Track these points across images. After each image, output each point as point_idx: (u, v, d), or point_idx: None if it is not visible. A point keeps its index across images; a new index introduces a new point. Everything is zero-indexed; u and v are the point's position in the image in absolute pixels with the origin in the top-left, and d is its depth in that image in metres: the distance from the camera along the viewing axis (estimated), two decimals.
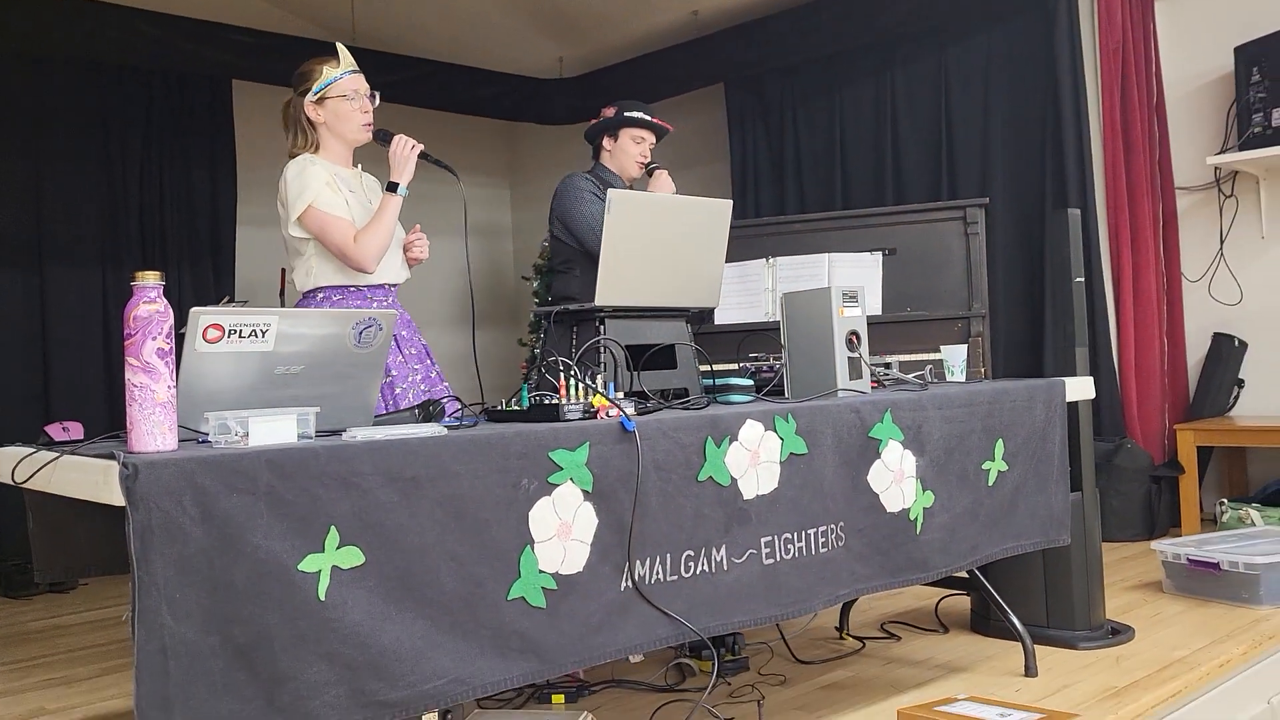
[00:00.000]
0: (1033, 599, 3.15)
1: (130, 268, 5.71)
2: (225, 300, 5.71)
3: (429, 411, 2.23)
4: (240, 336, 1.83)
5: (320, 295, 2.78)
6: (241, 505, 1.54)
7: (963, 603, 3.51)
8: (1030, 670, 2.85)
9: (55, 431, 1.96)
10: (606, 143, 3.64)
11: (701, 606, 2.10)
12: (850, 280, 4.29)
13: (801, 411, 2.27)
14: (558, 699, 2.75)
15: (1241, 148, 4.68)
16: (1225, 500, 4.61)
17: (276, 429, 1.73)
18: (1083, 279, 3.24)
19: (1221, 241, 4.98)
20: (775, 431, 2.21)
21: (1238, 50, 4.73)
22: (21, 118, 5.45)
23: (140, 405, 1.63)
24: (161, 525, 1.48)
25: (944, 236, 4.64)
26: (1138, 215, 5.00)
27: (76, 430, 1.99)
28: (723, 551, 2.14)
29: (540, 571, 1.87)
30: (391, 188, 2.80)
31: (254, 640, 1.55)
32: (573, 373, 2.13)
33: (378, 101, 2.89)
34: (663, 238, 2.50)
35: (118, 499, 1.47)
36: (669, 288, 2.56)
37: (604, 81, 7.29)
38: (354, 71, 2.86)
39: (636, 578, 2.00)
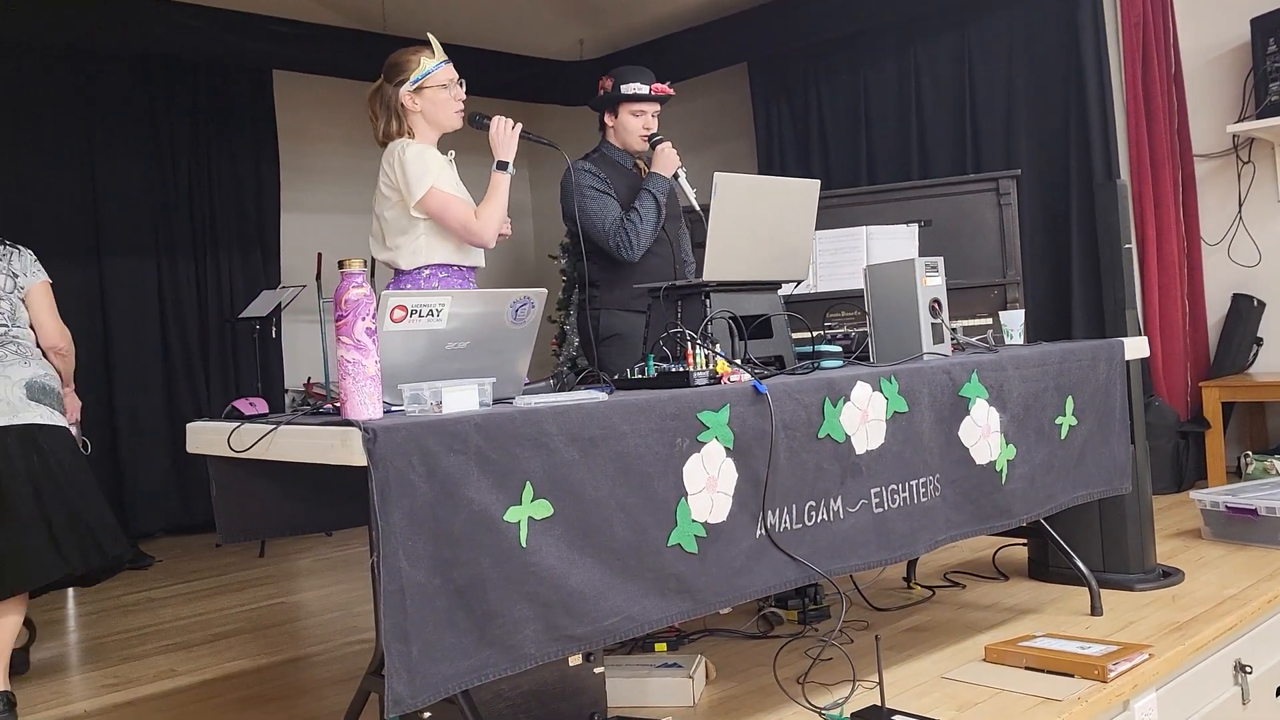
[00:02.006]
0: (1090, 545, 3.37)
1: (183, 256, 5.90)
2: (280, 287, 5.89)
3: (564, 382, 2.42)
4: (420, 316, 2.03)
5: (428, 273, 2.90)
6: (457, 464, 1.75)
7: (1017, 552, 3.74)
8: (1096, 610, 3.08)
9: (244, 406, 2.14)
10: (608, 119, 3.51)
11: (822, 551, 2.31)
12: (889, 251, 4.50)
13: (902, 373, 2.48)
14: (660, 646, 2.96)
15: (1260, 115, 4.89)
16: (1250, 453, 4.85)
17: (463, 398, 1.92)
18: (1132, 245, 3.45)
19: (1240, 206, 5.20)
20: (881, 392, 2.42)
21: (1254, 21, 4.93)
22: (74, 113, 5.61)
23: (354, 379, 1.82)
24: (396, 482, 1.68)
25: (977, 207, 4.85)
26: (1160, 183, 5.21)
27: (261, 405, 2.17)
28: (839, 502, 2.35)
29: (693, 521, 2.07)
30: (502, 166, 2.93)
31: (470, 582, 1.76)
32: (700, 342, 2.33)
33: (464, 89, 3.03)
34: (760, 215, 2.69)
35: (358, 459, 1.67)
36: (765, 262, 2.75)
37: (625, 62, 7.37)
38: (447, 61, 2.98)
39: (769, 526, 2.21)
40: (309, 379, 6.47)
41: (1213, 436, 4.93)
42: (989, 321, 4.48)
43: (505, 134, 2.97)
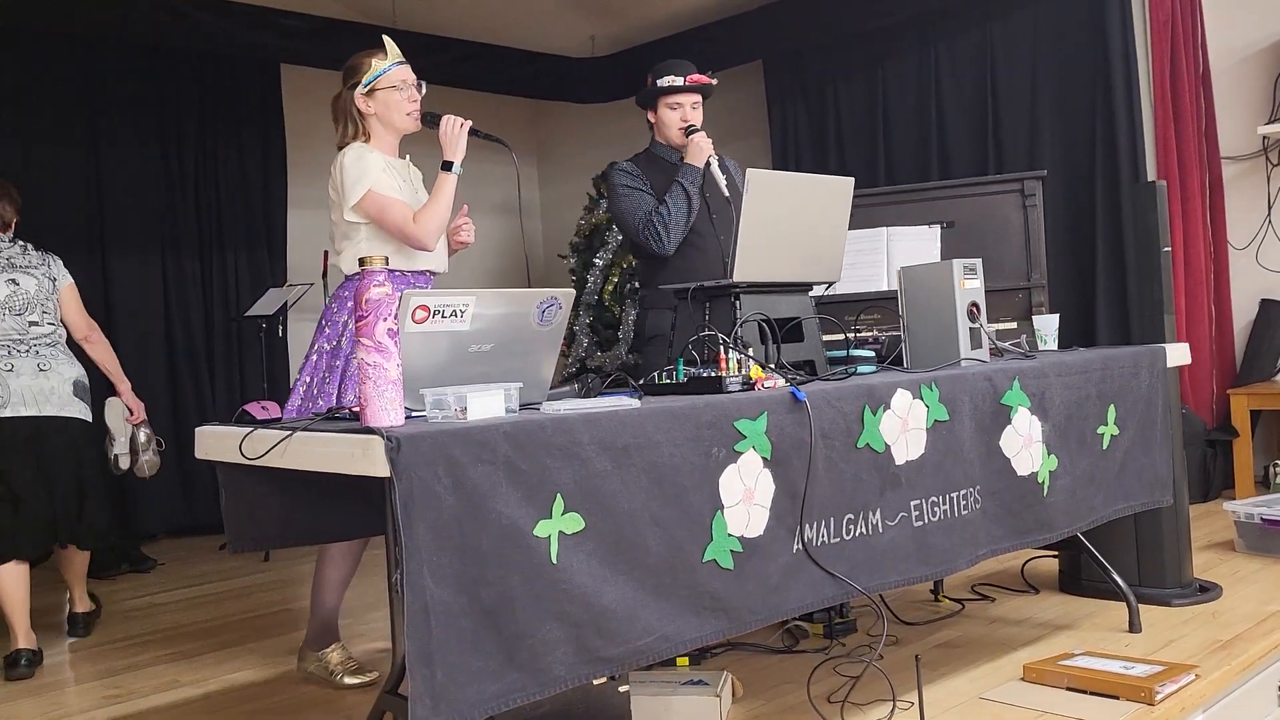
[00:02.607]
0: (1125, 559, 3.26)
1: (189, 252, 5.79)
2: (285, 285, 5.78)
3: (588, 386, 2.31)
4: (443, 316, 1.92)
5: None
6: (485, 475, 1.64)
7: (1045, 564, 3.63)
8: (1134, 626, 2.96)
9: (255, 410, 2.04)
10: (650, 117, 3.50)
11: (861, 567, 2.20)
12: (910, 253, 4.39)
13: (943, 380, 2.37)
14: (681, 662, 2.85)
15: None
16: (1278, 462, 4.74)
17: (489, 404, 1.81)
18: (1169, 248, 3.34)
19: (1269, 209, 5.09)
20: (921, 399, 2.31)
21: None
22: (79, 104, 5.50)
23: (374, 383, 1.71)
24: (421, 494, 1.57)
25: (1001, 209, 4.73)
26: (1187, 186, 5.10)
27: (274, 409, 2.06)
28: (878, 514, 2.24)
29: (729, 535, 1.97)
30: (446, 166, 2.84)
31: (498, 601, 1.65)
32: (733, 346, 2.22)
33: (424, 90, 2.95)
34: (793, 214, 2.58)
35: (380, 470, 1.56)
36: (797, 263, 2.64)
37: (636, 60, 7.33)
38: (401, 62, 2.91)
39: (806, 540, 2.10)
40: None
41: (1240, 445, 4.81)
42: (1014, 325, 4.37)
43: (453, 133, 2.88)
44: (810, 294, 2.77)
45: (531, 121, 7.99)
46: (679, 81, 3.40)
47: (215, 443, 1.99)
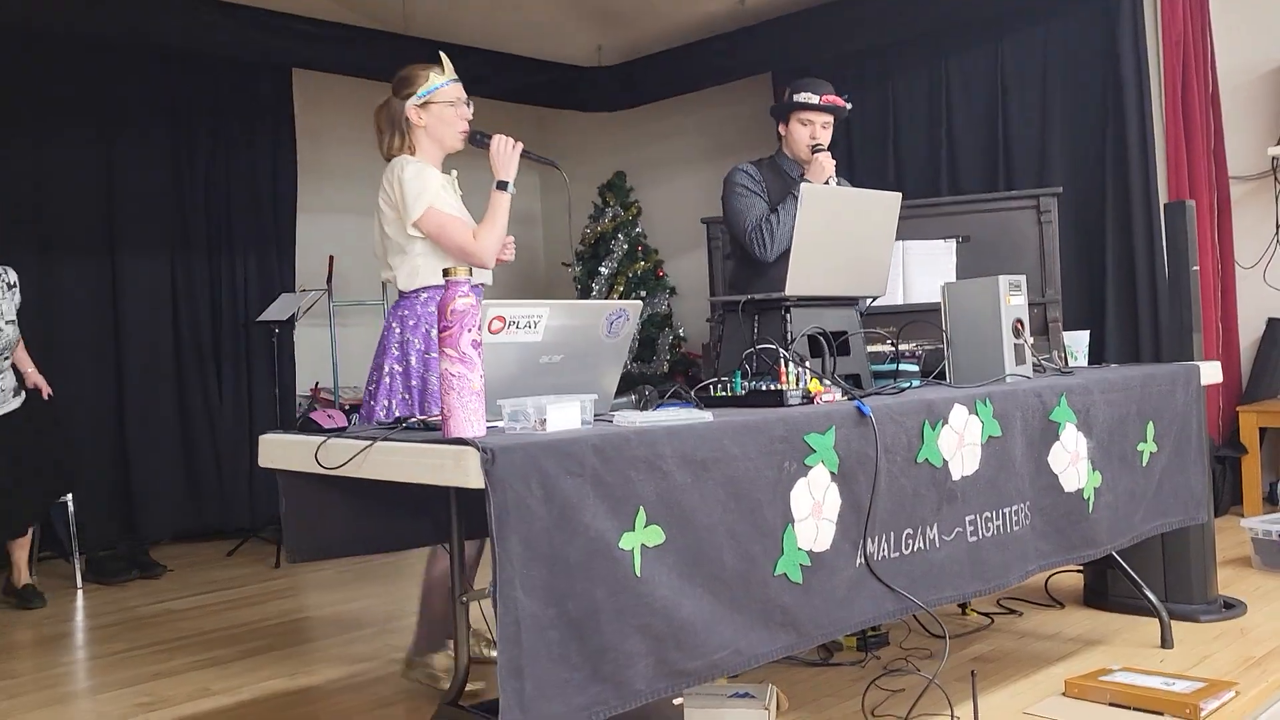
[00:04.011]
0: (1153, 575, 3.28)
1: (198, 255, 5.76)
2: (301, 290, 5.75)
3: (645, 398, 2.32)
4: (518, 328, 1.92)
5: (425, 295, 2.82)
6: (574, 487, 1.64)
7: (1067, 579, 3.65)
8: (1167, 642, 2.99)
9: (321, 419, 2.03)
10: (781, 129, 3.60)
11: (919, 581, 2.21)
12: (925, 267, 4.43)
13: (996, 395, 2.39)
14: None
15: None
16: None
17: (567, 415, 1.81)
18: (1198, 268, 3.38)
19: (1277, 229, 5.15)
20: (977, 415, 2.33)
21: None
22: (93, 107, 5.47)
23: (459, 394, 1.71)
24: (515, 506, 1.57)
25: (1016, 224, 4.78)
26: (1197, 204, 5.15)
27: (339, 418, 2.05)
28: (935, 530, 2.25)
29: (799, 549, 1.97)
30: (502, 186, 2.85)
31: (584, 613, 1.65)
32: (794, 360, 2.23)
33: (472, 109, 2.97)
34: (844, 228, 2.60)
35: (474, 481, 1.56)
36: (845, 277, 2.66)
37: (642, 70, 7.36)
38: (455, 80, 2.93)
39: (868, 554, 2.11)
40: (316, 384, 6.33)
41: (1249, 462, 4.86)
42: (1032, 340, 4.40)
43: (506, 153, 2.89)
44: (865, 306, 2.79)
45: (538, 129, 8.00)
46: (814, 99, 3.52)
47: (282, 452, 1.98)
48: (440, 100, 2.89)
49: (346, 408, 6.02)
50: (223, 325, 5.81)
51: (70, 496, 4.65)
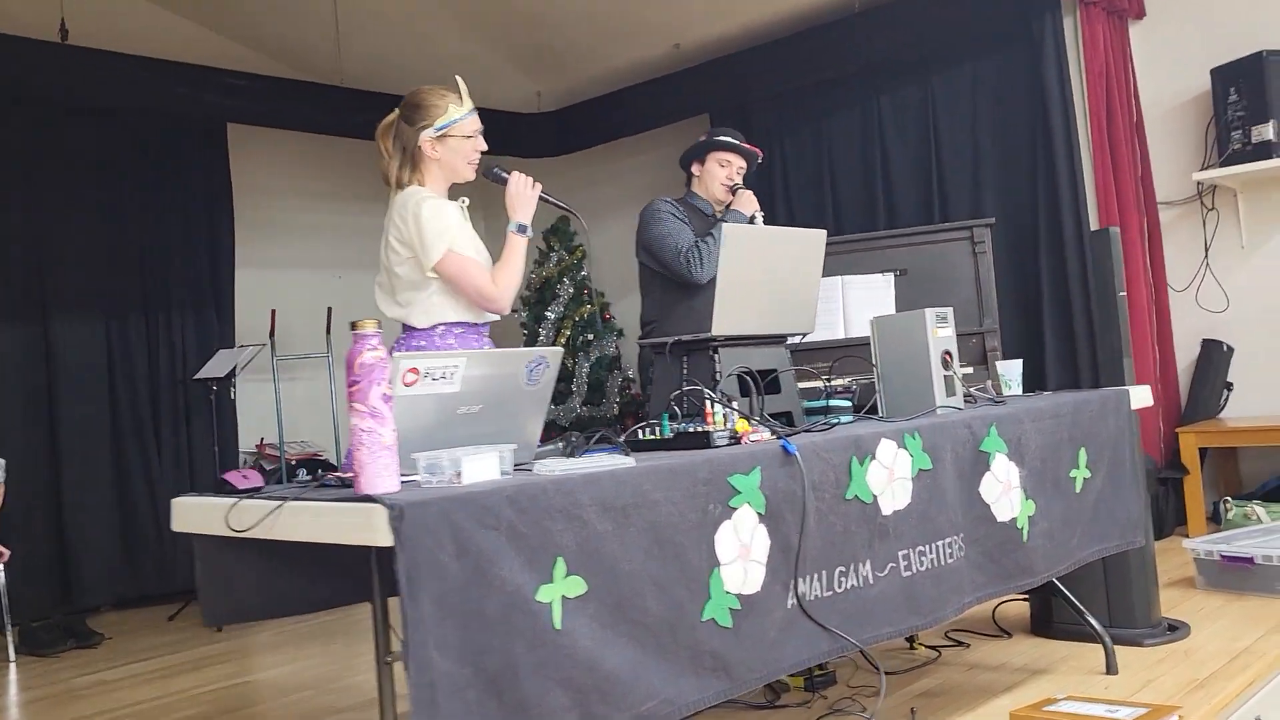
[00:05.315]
0: (1095, 600, 3.29)
1: (135, 314, 5.66)
2: (238, 347, 5.67)
3: (571, 444, 2.29)
4: (433, 379, 1.89)
5: (441, 329, 2.73)
6: (489, 540, 1.60)
7: (1014, 608, 3.65)
8: (1111, 668, 2.99)
9: (236, 479, 1.98)
10: (695, 168, 3.66)
11: (853, 620, 2.19)
12: (864, 301, 4.45)
13: (925, 428, 2.39)
14: None
15: (1224, 163, 4.95)
16: (1229, 498, 4.84)
17: (484, 466, 1.78)
18: (1125, 293, 3.42)
19: (1206, 252, 5.25)
20: (906, 449, 2.32)
21: (1214, 71, 5.01)
22: (19, 165, 5.38)
23: (369, 449, 1.67)
24: (426, 563, 1.53)
25: (952, 256, 4.82)
26: (1127, 230, 5.23)
27: (255, 478, 2.00)
28: (868, 566, 2.23)
29: (726, 592, 1.94)
30: (521, 230, 2.77)
31: (503, 670, 1.60)
32: (720, 401, 2.21)
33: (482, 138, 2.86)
34: (768, 267, 2.60)
35: (382, 539, 1.52)
36: (772, 315, 2.65)
37: (582, 115, 7.41)
38: (474, 111, 2.81)
39: (800, 595, 2.09)
40: (261, 440, 6.23)
41: (1191, 483, 4.91)
42: (970, 370, 4.43)
43: (524, 194, 2.80)
44: (794, 344, 2.79)
45: (479, 176, 8.00)
46: (737, 141, 3.63)
47: (195, 515, 1.92)
48: (458, 134, 2.76)
49: (294, 462, 5.92)
50: (160, 385, 5.71)
51: (1, 566, 4.51)
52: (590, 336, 7.17)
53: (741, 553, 1.98)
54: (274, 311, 5.98)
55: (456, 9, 5.91)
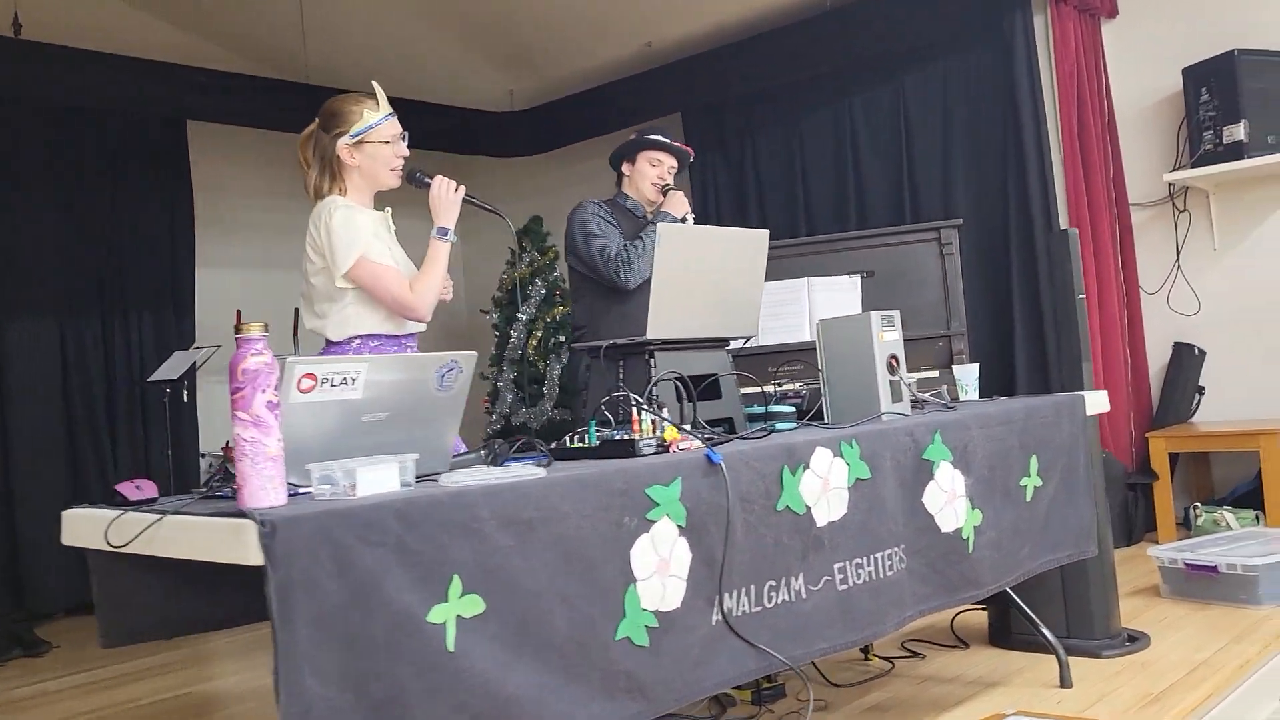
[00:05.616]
0: (1053, 610, 3.21)
1: (89, 315, 5.55)
2: (194, 347, 5.56)
3: (494, 452, 2.20)
4: (332, 385, 1.80)
5: (357, 343, 2.67)
6: (374, 558, 1.51)
7: (976, 617, 3.57)
8: (1065, 682, 2.91)
9: (128, 490, 1.88)
10: (625, 168, 3.59)
11: (785, 636, 2.10)
12: (831, 304, 4.37)
13: (863, 436, 2.30)
14: None
15: (1195, 164, 4.88)
16: (1199, 504, 4.77)
17: (381, 478, 1.69)
18: (1084, 295, 3.34)
19: (1178, 254, 5.18)
20: (842, 458, 2.24)
21: (1186, 71, 4.93)
22: None
23: (251, 460, 1.58)
24: (300, 583, 1.43)
25: (919, 258, 4.74)
26: (1098, 232, 5.17)
27: (150, 488, 1.91)
28: (800, 580, 2.15)
29: (643, 610, 1.85)
30: (442, 233, 2.70)
31: (389, 696, 1.51)
32: (646, 407, 2.12)
33: (406, 141, 2.81)
34: (707, 269, 2.51)
35: (253, 558, 1.43)
36: (713, 318, 2.57)
37: (555, 113, 7.33)
38: (392, 115, 2.74)
39: (726, 610, 2.00)
40: (227, 443, 6.13)
41: (1161, 488, 4.84)
42: (935, 374, 4.35)
43: (447, 198, 2.74)
44: (737, 348, 2.70)
45: (453, 175, 7.89)
46: (667, 141, 3.55)
47: (83, 528, 1.83)
48: (376, 139, 2.70)
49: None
50: (116, 387, 5.59)
51: None
52: (563, 338, 7.08)
53: (660, 567, 1.89)
54: (239, 312, 5.87)
55: (427, 6, 5.82)
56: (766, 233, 2.67)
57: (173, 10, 5.85)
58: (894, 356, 2.61)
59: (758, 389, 2.89)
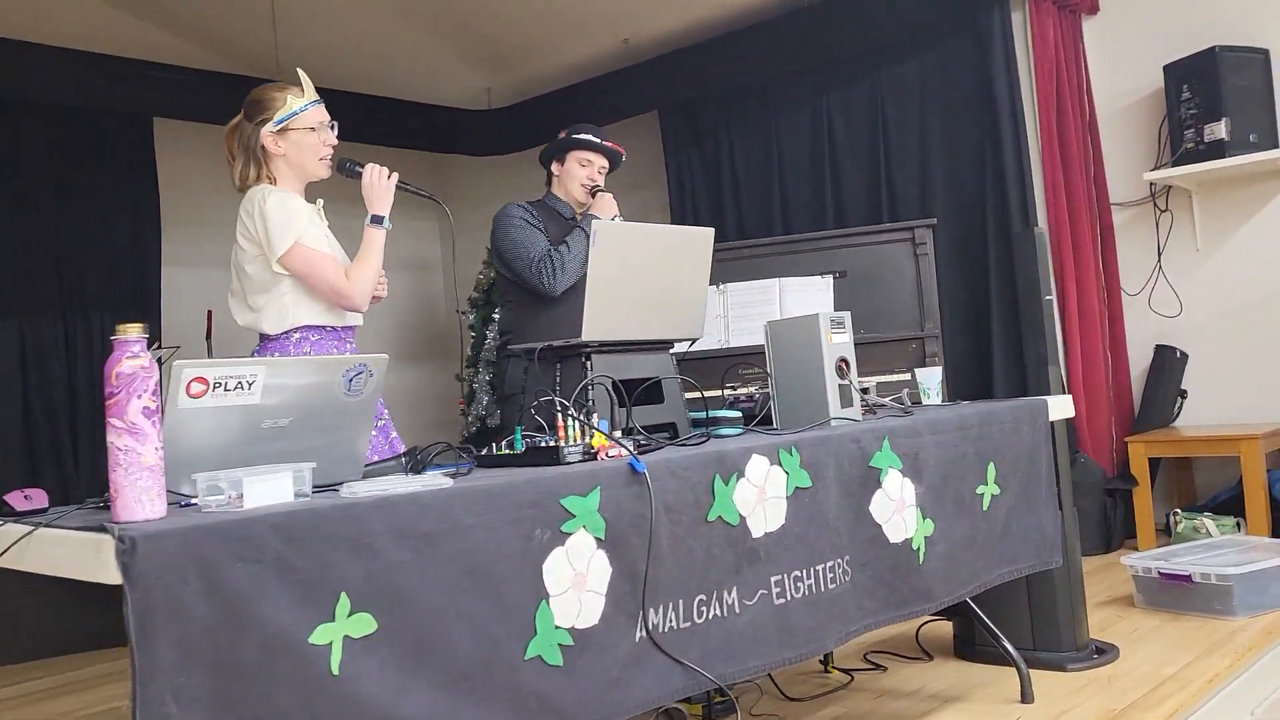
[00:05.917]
0: (1018, 622, 3.12)
1: (49, 316, 5.45)
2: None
3: (416, 459, 2.10)
4: (226, 390, 1.70)
5: (297, 336, 2.58)
6: (248, 576, 1.41)
7: (943, 628, 3.47)
8: (1027, 697, 2.81)
9: (16, 500, 1.78)
10: (554, 168, 3.51)
11: (716, 653, 2.00)
12: (802, 304, 4.27)
13: (804, 443, 2.20)
14: None
15: (1176, 163, 4.78)
16: (1179, 510, 4.67)
17: (272, 489, 1.59)
18: (1053, 296, 3.24)
19: (1159, 255, 5.08)
20: (780, 466, 2.14)
21: (1167, 68, 4.84)
22: None
23: (125, 470, 1.48)
24: (164, 604, 1.34)
25: (893, 258, 4.65)
26: (1078, 232, 5.07)
27: (40, 498, 1.81)
28: (734, 594, 2.05)
29: (556, 627, 1.75)
30: (376, 221, 2.64)
31: None
32: (570, 412, 2.03)
33: (336, 131, 2.73)
34: (647, 268, 2.42)
35: (112, 577, 1.33)
36: (654, 320, 2.47)
37: (532, 111, 7.23)
38: (318, 102, 2.68)
39: (650, 627, 1.90)
40: None
41: (1141, 494, 4.74)
42: (908, 376, 4.26)
43: (380, 185, 2.67)
44: (686, 350, 2.61)
45: (429, 175, 7.81)
46: (597, 141, 3.47)
47: None
48: (300, 126, 2.64)
49: None
50: (77, 388, 5.47)
51: None
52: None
53: (576, 582, 1.79)
54: (210, 312, 5.77)
55: (402, 1, 5.72)
56: (711, 231, 2.57)
57: (140, 5, 5.75)
58: (844, 359, 2.51)
59: (698, 394, 2.79)
